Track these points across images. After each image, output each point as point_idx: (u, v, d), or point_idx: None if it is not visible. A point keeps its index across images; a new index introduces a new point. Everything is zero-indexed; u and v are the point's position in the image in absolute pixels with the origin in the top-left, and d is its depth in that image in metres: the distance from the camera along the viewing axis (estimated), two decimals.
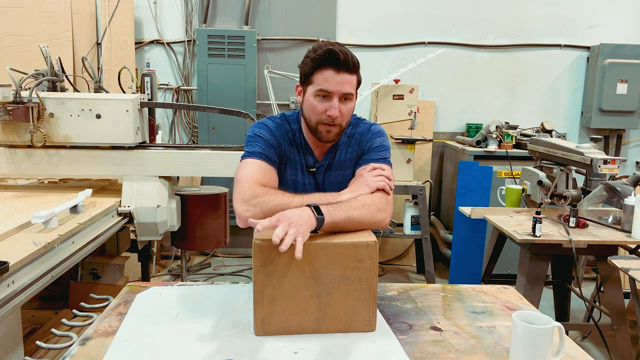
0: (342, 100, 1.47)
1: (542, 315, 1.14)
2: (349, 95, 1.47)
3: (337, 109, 1.46)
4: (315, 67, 1.46)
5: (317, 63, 1.45)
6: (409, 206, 4.04)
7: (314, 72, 1.47)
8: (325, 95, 1.46)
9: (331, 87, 1.45)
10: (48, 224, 1.98)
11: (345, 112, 1.49)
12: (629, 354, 2.52)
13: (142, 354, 1.15)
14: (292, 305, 1.22)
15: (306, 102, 1.51)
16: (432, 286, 1.61)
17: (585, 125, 4.75)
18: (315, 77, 1.47)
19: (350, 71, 1.45)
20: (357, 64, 1.48)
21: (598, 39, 4.64)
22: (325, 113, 1.46)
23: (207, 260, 4.58)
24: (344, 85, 1.45)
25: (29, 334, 2.35)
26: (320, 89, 1.46)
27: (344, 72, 1.44)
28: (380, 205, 1.39)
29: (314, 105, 1.48)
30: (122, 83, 3.06)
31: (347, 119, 1.52)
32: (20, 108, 2.46)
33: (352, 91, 1.48)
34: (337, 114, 1.46)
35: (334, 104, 1.45)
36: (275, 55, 4.56)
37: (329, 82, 1.44)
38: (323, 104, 1.47)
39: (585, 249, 2.45)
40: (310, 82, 1.49)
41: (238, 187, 1.41)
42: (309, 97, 1.50)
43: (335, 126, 1.49)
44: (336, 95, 1.45)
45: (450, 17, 4.64)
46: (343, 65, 1.43)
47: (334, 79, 1.44)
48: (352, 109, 1.52)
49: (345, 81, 1.45)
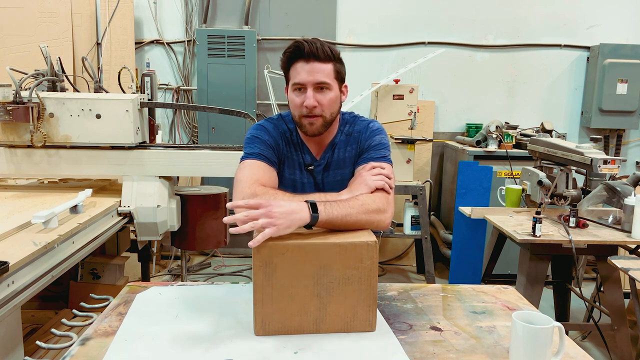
0: (319, 90, 1.47)
1: (542, 315, 1.14)
2: (323, 84, 1.47)
3: (312, 98, 1.46)
4: (288, 63, 1.49)
5: (288, 58, 1.49)
6: (409, 206, 4.04)
7: (289, 69, 1.50)
8: (300, 87, 1.47)
9: (302, 78, 1.46)
10: (48, 224, 1.98)
11: (325, 102, 1.48)
12: (629, 354, 2.52)
13: (142, 354, 1.15)
14: (292, 305, 1.22)
15: (289, 100, 1.53)
16: (432, 286, 1.61)
17: (585, 125, 4.75)
18: (290, 73, 1.50)
19: (320, 60, 1.45)
20: (329, 53, 1.47)
21: (598, 39, 4.64)
22: (303, 105, 1.47)
23: (207, 260, 4.58)
24: (315, 74, 1.45)
25: (29, 334, 2.35)
26: (294, 82, 1.48)
27: (313, 61, 1.45)
28: (379, 205, 1.38)
29: (293, 100, 1.50)
30: (122, 83, 3.06)
31: (329, 110, 1.50)
32: (20, 108, 2.46)
33: (325, 80, 1.46)
34: (313, 104, 1.46)
35: (308, 94, 1.46)
36: (275, 55, 4.56)
37: (300, 74, 1.46)
38: (300, 97, 1.48)
39: (585, 249, 2.45)
40: (288, 79, 1.52)
41: (238, 188, 1.41)
42: (289, 94, 1.52)
43: (316, 117, 1.49)
44: (309, 85, 1.46)
45: (450, 17, 4.65)
46: (310, 54, 1.44)
47: (304, 69, 1.45)
48: (333, 99, 1.50)
49: (316, 70, 1.45)
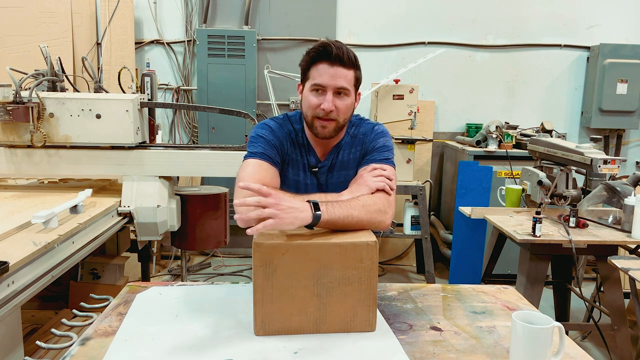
0: (337, 95, 1.47)
1: (542, 315, 1.14)
2: (343, 89, 1.46)
3: (330, 102, 1.45)
4: (311, 62, 1.47)
5: (311, 57, 1.47)
6: (409, 206, 4.04)
7: (310, 68, 1.48)
8: (319, 89, 1.47)
9: (325, 80, 1.45)
10: (48, 224, 1.98)
11: (342, 108, 1.48)
12: (629, 354, 2.52)
13: (142, 354, 1.15)
14: (292, 305, 1.22)
15: (304, 98, 1.52)
16: (432, 286, 1.61)
17: (585, 125, 4.75)
18: (310, 72, 1.48)
19: (345, 65, 1.45)
20: (353, 60, 1.47)
21: (598, 39, 4.64)
22: (320, 107, 1.46)
23: (207, 260, 4.58)
24: (338, 78, 1.45)
25: (29, 334, 2.35)
26: (314, 83, 1.46)
27: (338, 65, 1.44)
28: (380, 206, 1.38)
29: (310, 99, 1.49)
30: (122, 83, 3.06)
31: (344, 115, 1.50)
32: (20, 108, 2.46)
33: (346, 86, 1.46)
34: (331, 108, 1.46)
35: (327, 97, 1.45)
36: (275, 55, 4.56)
37: (322, 76, 1.45)
38: (318, 98, 1.47)
39: (585, 249, 2.45)
40: (307, 78, 1.50)
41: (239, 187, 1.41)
42: (305, 92, 1.51)
43: (330, 121, 1.48)
44: (330, 89, 1.45)
45: (450, 17, 4.65)
46: (336, 58, 1.43)
47: (327, 72, 1.44)
48: (349, 105, 1.50)
49: (339, 75, 1.44)
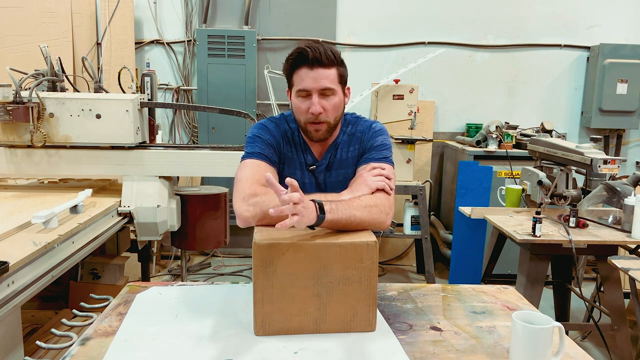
0: (323, 96, 1.47)
1: (542, 315, 1.14)
2: (328, 90, 1.47)
3: (317, 105, 1.46)
4: (291, 69, 1.49)
5: (291, 65, 1.48)
6: (409, 206, 4.04)
7: (292, 74, 1.50)
8: (305, 94, 1.47)
9: (307, 84, 1.46)
10: (48, 224, 1.98)
11: (330, 108, 1.48)
12: (629, 354, 2.52)
13: (142, 354, 1.15)
14: (292, 306, 1.22)
15: (293, 104, 1.53)
16: (432, 286, 1.61)
17: (585, 125, 4.75)
18: (293, 78, 1.49)
19: (324, 66, 1.45)
20: (332, 58, 1.46)
21: (598, 39, 4.64)
22: (309, 111, 1.47)
23: (207, 260, 4.58)
24: (320, 80, 1.45)
25: (29, 334, 2.35)
26: (299, 89, 1.48)
27: (317, 67, 1.44)
28: (382, 207, 1.38)
29: (298, 106, 1.50)
30: (122, 83, 3.06)
31: (334, 115, 1.50)
32: (20, 108, 2.46)
33: (330, 85, 1.47)
34: (319, 110, 1.46)
35: (313, 100, 1.46)
36: (275, 55, 4.56)
37: (304, 81, 1.46)
38: (304, 103, 1.48)
39: (585, 249, 2.45)
40: (292, 85, 1.52)
41: (238, 187, 1.41)
42: (293, 98, 1.52)
43: (322, 124, 1.49)
44: (314, 91, 1.46)
45: (450, 17, 4.65)
46: (315, 61, 1.44)
47: (309, 75, 1.45)
48: (337, 104, 1.50)
49: (320, 76, 1.45)
